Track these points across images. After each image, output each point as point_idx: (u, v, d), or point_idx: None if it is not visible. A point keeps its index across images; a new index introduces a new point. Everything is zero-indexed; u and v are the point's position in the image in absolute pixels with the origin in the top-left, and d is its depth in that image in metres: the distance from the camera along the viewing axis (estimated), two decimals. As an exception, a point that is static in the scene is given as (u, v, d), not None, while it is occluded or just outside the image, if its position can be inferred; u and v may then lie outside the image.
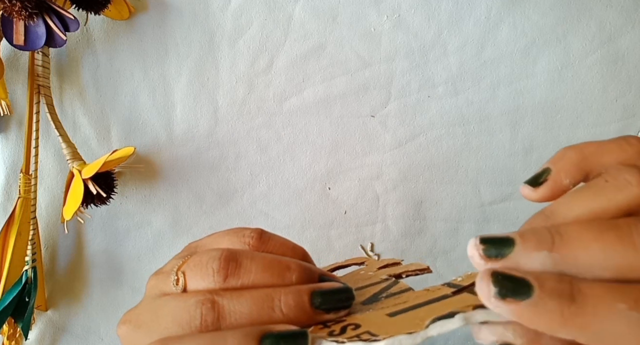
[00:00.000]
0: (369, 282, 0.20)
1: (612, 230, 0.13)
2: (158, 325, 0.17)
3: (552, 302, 0.13)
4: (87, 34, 0.31)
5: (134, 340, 0.17)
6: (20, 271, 0.31)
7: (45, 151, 0.32)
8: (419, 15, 0.32)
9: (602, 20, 0.33)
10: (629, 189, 0.14)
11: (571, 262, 0.13)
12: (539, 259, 0.14)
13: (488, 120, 0.34)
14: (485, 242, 0.14)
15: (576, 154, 0.17)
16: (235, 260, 0.17)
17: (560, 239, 0.14)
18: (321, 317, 0.17)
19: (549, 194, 0.17)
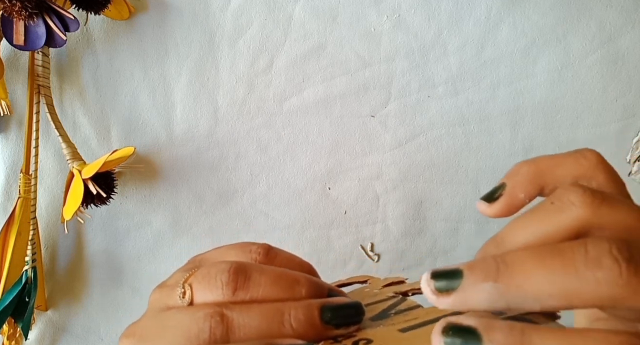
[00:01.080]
0: (375, 299, 0.20)
1: (554, 256, 0.13)
2: (164, 338, 0.16)
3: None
4: (87, 34, 0.31)
5: None
6: (20, 271, 0.31)
7: (45, 151, 0.32)
8: (419, 15, 0.32)
9: (602, 20, 0.33)
10: (571, 210, 0.14)
11: (516, 291, 0.13)
12: (486, 290, 0.13)
13: (488, 120, 0.34)
14: (435, 276, 0.14)
15: (531, 168, 0.17)
16: (245, 273, 0.17)
17: (505, 268, 0.13)
18: (331, 333, 0.16)
19: (504, 209, 0.17)
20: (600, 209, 0.14)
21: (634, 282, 0.12)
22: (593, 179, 0.16)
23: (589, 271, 0.12)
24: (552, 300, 0.13)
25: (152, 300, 0.19)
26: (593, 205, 0.14)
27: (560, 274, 0.13)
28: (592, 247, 0.13)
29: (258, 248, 0.19)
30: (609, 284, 0.12)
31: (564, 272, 0.13)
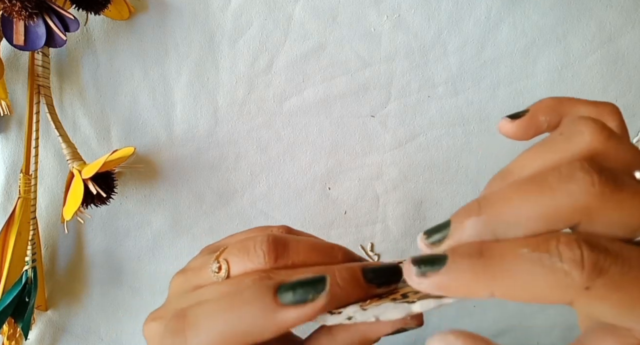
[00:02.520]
0: None
1: (531, 182, 0.13)
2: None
3: (462, 260, 0.13)
4: (87, 34, 0.31)
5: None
6: (20, 271, 0.31)
7: (45, 151, 0.32)
8: (419, 15, 0.32)
9: (602, 20, 0.33)
10: (580, 137, 0.14)
11: (499, 220, 0.13)
12: (472, 227, 0.14)
13: (488, 120, 0.34)
14: (427, 232, 0.15)
15: (554, 100, 0.18)
16: (283, 242, 0.17)
17: (486, 203, 0.14)
18: (374, 291, 0.17)
19: (524, 128, 0.17)
20: (609, 141, 0.14)
21: (607, 191, 0.12)
22: (607, 122, 0.16)
23: (562, 185, 0.13)
24: (533, 223, 0.13)
25: (174, 285, 0.19)
26: (602, 135, 0.14)
27: (536, 195, 0.13)
28: (566, 167, 0.13)
29: (279, 229, 0.19)
30: (583, 194, 0.13)
31: (540, 193, 0.13)
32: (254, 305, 0.15)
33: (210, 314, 0.15)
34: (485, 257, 0.13)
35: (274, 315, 0.14)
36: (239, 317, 0.15)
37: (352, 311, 0.16)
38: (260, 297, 0.15)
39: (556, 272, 0.12)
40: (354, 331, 0.17)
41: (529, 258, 0.12)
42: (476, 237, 0.14)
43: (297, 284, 0.15)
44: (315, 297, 0.14)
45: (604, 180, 0.13)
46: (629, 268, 0.12)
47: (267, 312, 0.14)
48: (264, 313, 0.14)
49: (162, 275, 0.35)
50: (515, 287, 0.13)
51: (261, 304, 0.14)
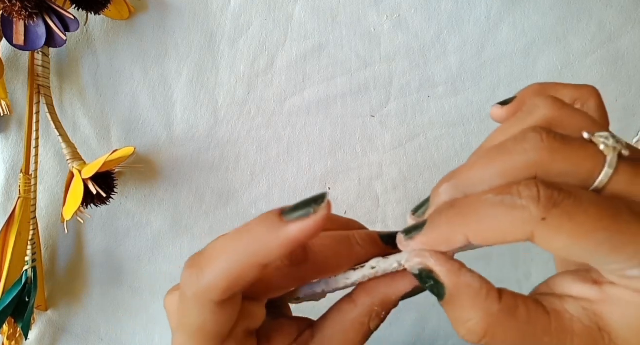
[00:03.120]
0: None
1: (493, 148, 0.16)
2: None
3: (439, 216, 0.16)
4: (87, 34, 0.31)
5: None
6: (20, 271, 0.31)
7: (45, 151, 0.32)
8: (419, 15, 0.32)
9: (602, 20, 0.33)
10: (536, 110, 0.17)
11: (466, 181, 0.16)
12: (445, 191, 0.16)
13: (488, 120, 0.34)
14: (414, 210, 0.18)
15: (539, 85, 0.20)
16: None
17: (456, 171, 0.16)
18: (391, 252, 0.18)
19: (513, 111, 0.20)
20: (561, 110, 0.16)
21: (555, 145, 0.15)
22: (586, 103, 0.19)
23: (517, 146, 0.15)
24: (495, 179, 0.15)
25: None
26: (555, 106, 0.17)
27: (496, 157, 0.15)
28: (521, 132, 0.15)
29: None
30: (535, 149, 0.15)
31: (499, 154, 0.15)
32: (261, 227, 0.15)
33: (222, 243, 0.16)
34: (456, 207, 0.15)
35: (279, 231, 0.15)
36: (248, 240, 0.15)
37: (375, 261, 0.17)
38: (265, 219, 0.16)
39: (516, 208, 0.14)
40: (374, 293, 0.18)
41: (494, 200, 0.14)
42: (448, 196, 0.16)
43: (299, 204, 0.16)
44: (317, 209, 0.15)
45: (552, 137, 0.15)
46: (579, 202, 0.14)
47: (273, 230, 0.15)
48: (269, 231, 0.15)
49: (162, 276, 0.35)
50: (485, 229, 0.15)
51: (267, 224, 0.15)
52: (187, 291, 0.16)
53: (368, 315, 0.18)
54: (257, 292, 0.18)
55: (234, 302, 0.17)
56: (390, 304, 0.18)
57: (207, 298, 0.16)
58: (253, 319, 0.18)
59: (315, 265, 0.18)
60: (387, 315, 0.18)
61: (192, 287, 0.16)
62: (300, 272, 0.18)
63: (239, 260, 0.15)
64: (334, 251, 0.18)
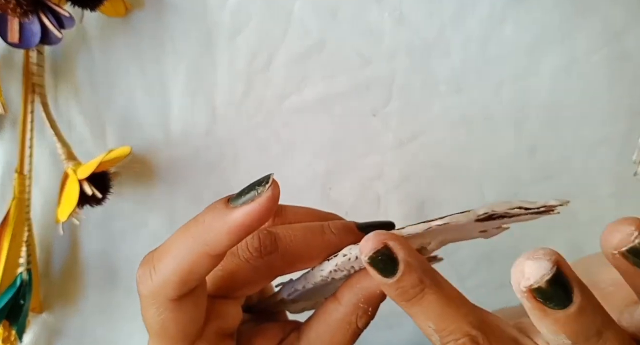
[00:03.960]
0: None
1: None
2: None
3: None
4: (82, 32, 0.31)
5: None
6: (15, 273, 0.31)
7: (40, 151, 0.32)
8: (421, 12, 0.32)
9: (608, 17, 0.32)
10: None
11: None
12: None
13: (492, 119, 0.33)
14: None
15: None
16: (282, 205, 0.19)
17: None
18: None
19: None
20: None
21: None
22: None
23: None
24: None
25: None
26: None
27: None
28: None
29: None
30: None
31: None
32: (208, 216, 0.15)
33: (172, 239, 0.16)
34: None
35: (226, 217, 0.15)
36: (195, 232, 0.15)
37: (347, 249, 0.17)
38: (212, 208, 0.15)
39: None
40: (357, 289, 0.17)
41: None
42: None
43: (244, 189, 0.16)
44: (262, 191, 0.15)
45: None
46: None
47: (219, 217, 0.15)
48: (215, 219, 0.15)
49: (159, 278, 0.35)
50: None
51: (214, 212, 0.15)
52: (143, 290, 0.16)
53: (354, 313, 0.17)
54: (227, 289, 0.18)
55: (194, 298, 0.16)
56: (376, 298, 0.17)
57: (162, 296, 0.16)
58: (225, 318, 0.18)
59: (286, 255, 0.17)
60: (375, 311, 0.18)
61: (146, 286, 0.16)
62: (270, 263, 0.17)
63: (188, 252, 0.15)
64: (305, 240, 0.17)
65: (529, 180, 0.34)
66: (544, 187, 0.34)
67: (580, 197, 0.34)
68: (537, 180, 0.34)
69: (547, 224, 0.34)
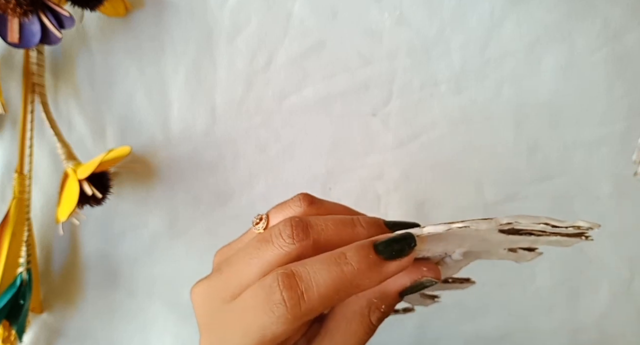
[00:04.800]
0: None
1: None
2: (246, 257, 0.18)
3: None
4: (82, 32, 0.31)
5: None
6: (15, 273, 0.31)
7: (40, 151, 0.32)
8: (421, 12, 0.32)
9: (608, 17, 0.32)
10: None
11: None
12: None
13: (492, 119, 0.33)
14: None
15: None
16: (315, 197, 0.21)
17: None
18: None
19: None
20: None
21: None
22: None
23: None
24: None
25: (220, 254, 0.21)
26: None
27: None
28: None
29: (298, 200, 0.21)
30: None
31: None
32: (361, 264, 0.17)
33: (320, 271, 0.17)
34: None
35: (380, 269, 0.17)
36: (349, 274, 0.17)
37: None
38: (364, 254, 0.17)
39: None
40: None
41: None
42: None
43: (391, 241, 0.17)
44: (409, 251, 0.17)
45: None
46: None
47: (374, 267, 0.17)
48: (371, 269, 0.17)
49: (159, 278, 0.35)
50: None
51: (367, 261, 0.17)
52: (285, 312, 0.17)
53: (368, 306, 0.19)
54: None
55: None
56: (389, 298, 0.19)
57: (304, 320, 0.17)
58: None
59: (317, 244, 0.18)
60: (389, 310, 0.19)
61: (292, 310, 0.17)
62: (301, 251, 0.18)
63: (341, 290, 0.17)
64: (336, 231, 0.18)
65: (529, 180, 0.34)
66: (543, 186, 0.34)
67: (580, 197, 0.34)
68: (537, 180, 0.34)
69: (547, 223, 0.35)
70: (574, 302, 0.36)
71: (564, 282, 0.35)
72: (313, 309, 0.16)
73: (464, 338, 0.36)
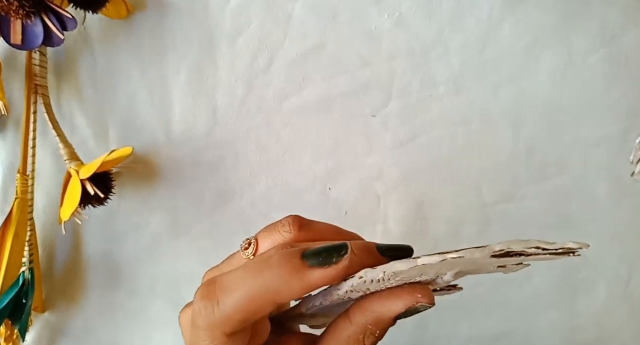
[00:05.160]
0: None
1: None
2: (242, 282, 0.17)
3: None
4: (84, 33, 0.31)
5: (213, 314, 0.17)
6: (17, 272, 0.31)
7: (42, 151, 0.32)
8: (420, 14, 0.32)
9: (605, 18, 0.33)
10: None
11: None
12: None
13: (490, 120, 0.34)
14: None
15: None
16: (306, 220, 0.20)
17: None
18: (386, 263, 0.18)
19: None
20: None
21: None
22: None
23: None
24: None
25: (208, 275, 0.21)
26: None
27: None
28: None
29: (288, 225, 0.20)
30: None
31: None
32: (282, 267, 0.16)
33: (240, 277, 0.16)
34: None
35: (301, 275, 0.16)
36: (268, 278, 0.16)
37: (363, 271, 0.17)
38: (287, 259, 0.16)
39: None
40: (368, 311, 0.18)
41: None
42: None
43: (321, 249, 0.16)
44: (338, 260, 0.16)
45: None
46: None
47: (295, 272, 0.16)
48: (291, 273, 0.16)
49: (161, 277, 0.35)
50: None
51: (289, 265, 0.16)
52: (201, 322, 0.16)
53: (363, 332, 0.18)
54: None
55: (245, 331, 0.17)
56: (384, 323, 0.18)
57: (220, 330, 0.16)
58: (260, 336, 0.19)
59: None
60: (383, 334, 0.18)
61: (206, 319, 0.16)
62: None
63: (257, 296, 0.16)
64: None
65: (527, 181, 0.34)
66: (541, 187, 0.34)
67: (578, 197, 0.34)
68: (535, 181, 0.34)
69: (544, 224, 0.35)
70: (572, 301, 0.36)
71: (561, 281, 0.36)
72: (229, 317, 0.16)
73: (462, 337, 0.36)
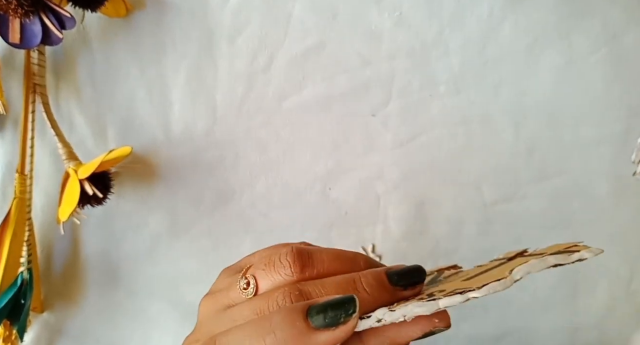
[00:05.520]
0: None
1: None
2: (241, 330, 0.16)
3: None
4: (83, 32, 0.31)
5: None
6: (16, 273, 0.31)
7: (41, 151, 0.32)
8: (421, 13, 0.32)
9: (606, 18, 0.32)
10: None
11: None
12: None
13: (490, 120, 0.33)
14: None
15: None
16: (307, 253, 0.18)
17: None
18: (401, 294, 0.17)
19: None
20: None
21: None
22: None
23: None
24: None
25: (205, 308, 0.19)
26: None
27: None
28: None
29: (299, 244, 0.19)
30: None
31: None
32: (285, 331, 0.15)
33: (239, 341, 0.15)
34: None
35: (307, 340, 0.15)
36: (275, 341, 0.15)
37: (381, 314, 0.16)
38: (291, 321, 0.15)
39: None
40: (383, 337, 0.17)
41: None
42: None
43: (327, 306, 0.15)
44: (347, 320, 0.15)
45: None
46: None
47: (300, 338, 0.15)
48: (296, 339, 0.15)
49: (160, 277, 0.35)
50: None
51: (293, 330, 0.15)
52: None
53: None
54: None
55: None
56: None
57: None
58: None
59: None
60: None
61: None
62: None
63: None
64: None
65: (528, 180, 0.34)
66: (542, 186, 0.34)
67: (579, 197, 0.34)
68: (536, 180, 0.34)
69: (545, 224, 0.35)
70: (573, 302, 0.36)
71: (563, 282, 0.36)
72: None
73: (462, 337, 0.36)
